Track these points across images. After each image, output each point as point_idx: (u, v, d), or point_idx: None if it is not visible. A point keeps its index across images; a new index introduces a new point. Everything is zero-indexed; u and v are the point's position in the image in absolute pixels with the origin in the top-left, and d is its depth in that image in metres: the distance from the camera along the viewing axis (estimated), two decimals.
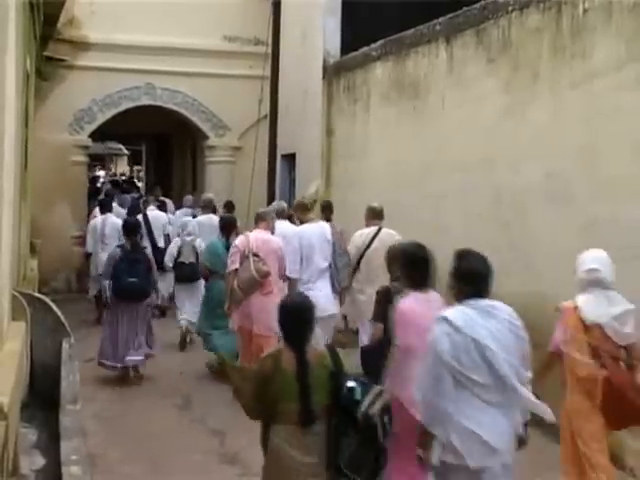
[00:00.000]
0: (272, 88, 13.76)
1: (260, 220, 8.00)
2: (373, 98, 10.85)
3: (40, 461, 5.67)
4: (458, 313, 3.97)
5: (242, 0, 14.76)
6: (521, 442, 4.14)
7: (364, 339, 7.49)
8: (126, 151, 34.54)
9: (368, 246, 7.89)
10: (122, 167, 38.53)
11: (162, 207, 13.53)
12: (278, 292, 7.55)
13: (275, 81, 13.72)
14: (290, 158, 13.99)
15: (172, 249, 10.09)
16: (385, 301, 5.24)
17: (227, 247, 8.36)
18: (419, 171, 9.49)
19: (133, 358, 8.54)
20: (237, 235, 8.39)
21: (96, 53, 14.02)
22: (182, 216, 11.97)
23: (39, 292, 8.81)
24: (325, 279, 8.04)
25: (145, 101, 14.82)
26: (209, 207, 10.89)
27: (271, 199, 13.37)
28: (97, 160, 33.39)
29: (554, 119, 7.09)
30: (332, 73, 12.23)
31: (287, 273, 7.95)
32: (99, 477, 5.57)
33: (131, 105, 14.71)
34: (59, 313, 7.25)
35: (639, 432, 5.95)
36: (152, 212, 12.12)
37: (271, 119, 13.80)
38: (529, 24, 7.45)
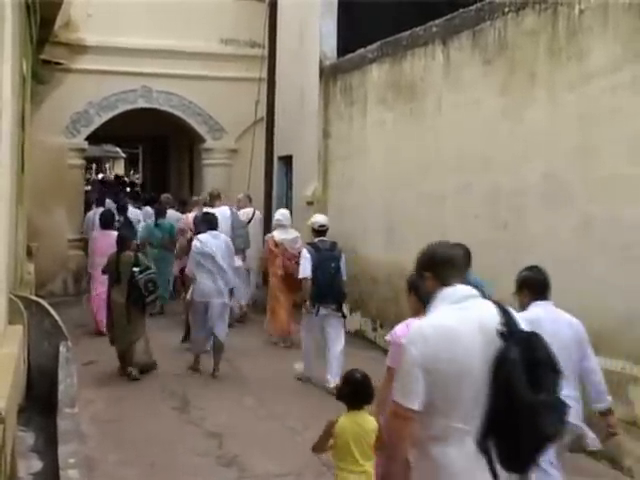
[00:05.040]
0: (269, 90, 13.76)
1: (195, 205, 11.95)
2: (370, 100, 10.86)
3: (37, 465, 5.67)
4: (203, 236, 8.95)
5: (238, 3, 14.77)
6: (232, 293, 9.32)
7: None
8: (123, 154, 34.55)
9: (249, 221, 12.13)
10: (119, 170, 38.49)
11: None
12: None
13: (272, 83, 13.72)
14: (287, 160, 13.99)
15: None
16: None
17: (156, 225, 12.61)
18: (416, 173, 9.50)
19: None
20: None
21: (92, 56, 14.01)
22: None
23: (36, 295, 8.80)
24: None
25: (141, 104, 14.82)
26: (168, 204, 13.62)
27: (268, 201, 13.39)
28: (94, 163, 33.40)
29: (551, 120, 7.10)
30: (329, 75, 12.24)
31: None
32: None
33: (128, 108, 14.71)
34: (56, 316, 7.24)
35: (637, 435, 5.97)
36: (130, 208, 14.44)
37: (267, 121, 13.80)
38: (525, 25, 7.46)
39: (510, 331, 3.04)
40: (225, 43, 14.88)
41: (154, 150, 23.46)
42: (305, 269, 8.31)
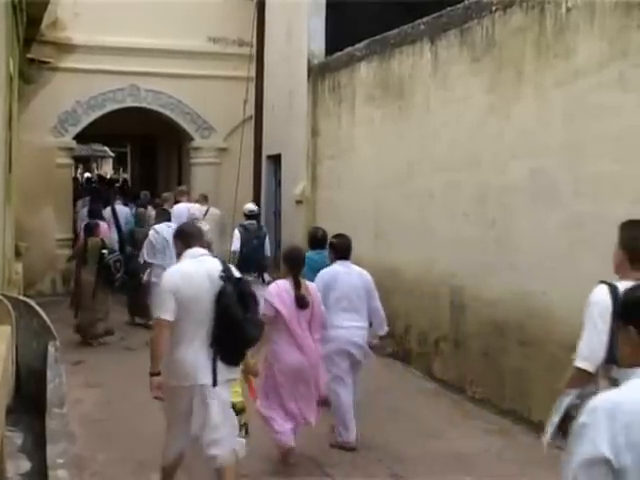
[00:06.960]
0: (257, 89, 13.74)
1: (166, 201, 12.53)
2: (358, 98, 10.86)
3: (26, 465, 5.64)
4: (159, 226, 10.33)
5: (226, 1, 14.75)
6: None
7: None
8: (111, 153, 34.45)
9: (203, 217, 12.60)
10: (107, 169, 38.40)
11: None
12: None
13: (260, 82, 13.71)
14: (276, 159, 13.99)
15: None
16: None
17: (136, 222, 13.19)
18: (404, 170, 9.51)
19: None
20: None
21: (80, 55, 13.97)
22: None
23: (24, 295, 8.78)
24: None
25: (129, 103, 14.79)
26: (146, 201, 14.25)
27: (257, 200, 13.38)
28: (82, 162, 33.27)
29: (538, 118, 7.12)
30: (317, 73, 12.24)
31: None
32: None
33: (115, 107, 14.68)
34: (45, 316, 7.22)
35: None
36: (118, 206, 14.76)
37: (256, 120, 13.79)
38: (513, 24, 7.48)
39: (228, 276, 4.89)
40: (213, 41, 14.87)
41: (142, 149, 23.39)
42: (234, 245, 10.12)
